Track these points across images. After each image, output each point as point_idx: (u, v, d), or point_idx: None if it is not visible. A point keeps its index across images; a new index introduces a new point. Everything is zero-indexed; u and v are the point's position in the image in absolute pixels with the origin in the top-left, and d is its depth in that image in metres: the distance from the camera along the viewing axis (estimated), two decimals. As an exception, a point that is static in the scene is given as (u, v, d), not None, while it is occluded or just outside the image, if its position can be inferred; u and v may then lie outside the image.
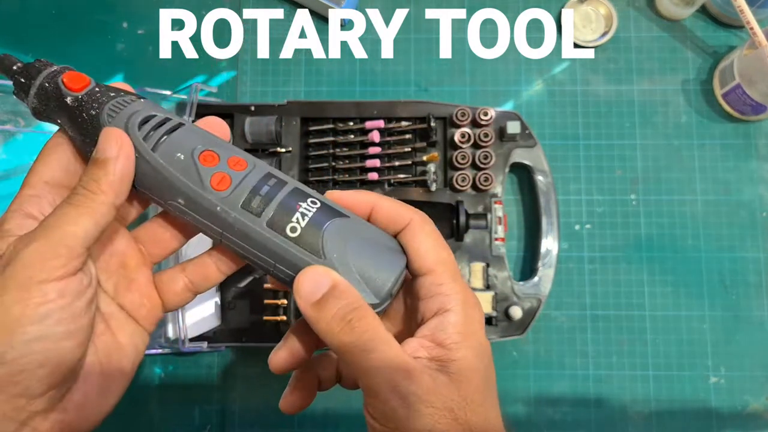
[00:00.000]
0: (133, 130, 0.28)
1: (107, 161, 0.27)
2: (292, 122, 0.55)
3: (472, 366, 0.27)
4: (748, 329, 0.55)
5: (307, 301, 0.27)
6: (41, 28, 0.61)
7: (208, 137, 0.29)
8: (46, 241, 0.26)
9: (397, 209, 0.30)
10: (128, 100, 0.29)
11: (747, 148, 0.58)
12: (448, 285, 0.28)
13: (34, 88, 0.29)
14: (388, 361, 0.26)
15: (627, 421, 0.54)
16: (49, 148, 0.30)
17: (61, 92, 0.28)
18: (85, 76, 0.29)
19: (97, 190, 0.27)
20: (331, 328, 0.26)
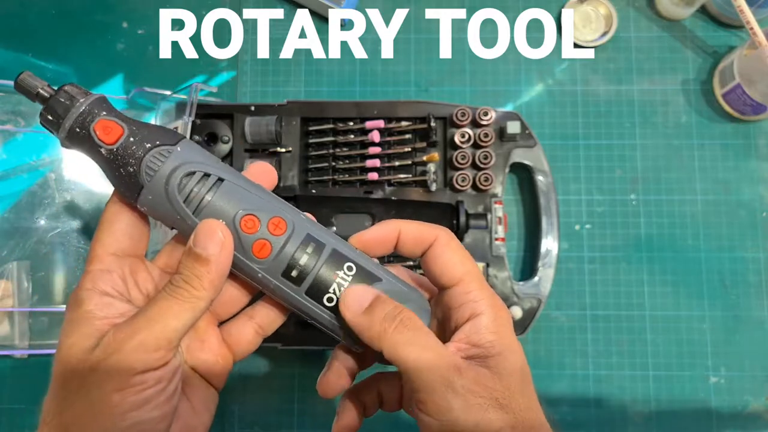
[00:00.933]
0: (173, 193, 0.28)
1: (209, 260, 0.28)
2: (292, 122, 0.55)
3: (509, 361, 0.29)
4: (748, 329, 0.55)
5: (355, 312, 0.29)
6: (41, 28, 0.61)
7: (248, 195, 0.29)
8: (149, 334, 0.27)
9: (421, 230, 0.32)
10: (165, 151, 0.28)
11: (747, 148, 0.58)
12: (476, 292, 0.30)
13: (64, 131, 0.28)
14: (441, 358, 0.28)
15: (627, 421, 0.54)
16: (110, 218, 0.30)
17: (95, 142, 0.28)
18: (118, 126, 0.28)
19: (199, 287, 0.28)
20: (384, 329, 0.28)
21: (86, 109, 0.28)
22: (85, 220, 0.57)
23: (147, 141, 0.28)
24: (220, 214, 0.28)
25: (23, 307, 0.55)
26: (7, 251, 0.56)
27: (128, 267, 0.30)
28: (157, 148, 0.28)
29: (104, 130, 0.27)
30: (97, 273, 0.29)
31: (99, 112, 0.28)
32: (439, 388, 0.27)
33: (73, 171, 0.58)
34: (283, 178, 0.54)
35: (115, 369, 0.26)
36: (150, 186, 0.28)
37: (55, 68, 0.60)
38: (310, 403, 0.55)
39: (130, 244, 0.30)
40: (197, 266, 0.28)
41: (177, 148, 0.28)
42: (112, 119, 0.28)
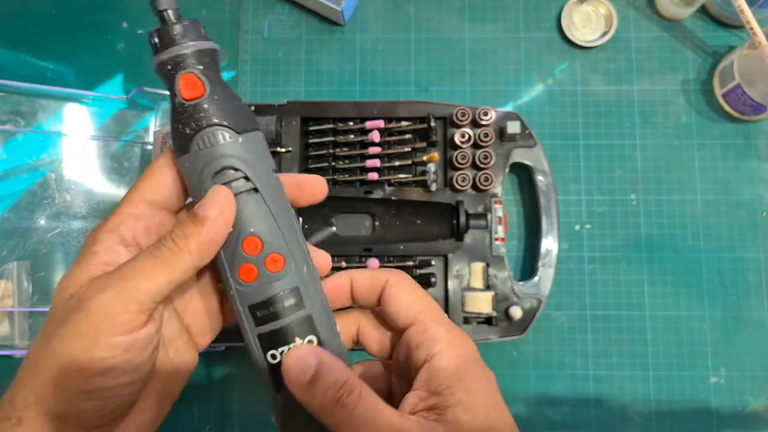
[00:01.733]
0: (206, 176, 0.27)
1: (205, 220, 0.26)
2: (292, 122, 0.55)
3: (470, 408, 0.27)
4: (748, 329, 0.55)
5: (297, 385, 0.27)
6: (41, 27, 0.61)
7: (269, 219, 0.28)
8: (116, 294, 0.25)
9: (371, 276, 0.31)
10: (226, 135, 0.27)
11: (747, 148, 0.58)
12: (429, 330, 0.29)
13: (156, 61, 0.27)
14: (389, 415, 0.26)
15: (627, 422, 0.54)
16: (157, 168, 0.29)
17: (173, 88, 0.27)
18: (201, 86, 0.27)
19: (183, 248, 0.26)
20: (324, 409, 0.26)
21: (187, 53, 0.27)
22: (85, 219, 0.57)
23: (217, 116, 0.27)
24: (234, 223, 0.28)
25: (23, 307, 0.55)
26: (7, 251, 0.56)
27: (158, 219, 0.29)
28: (222, 128, 0.27)
29: (187, 83, 0.27)
30: (125, 216, 0.28)
31: (195, 63, 0.27)
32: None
33: (73, 171, 0.58)
34: (283, 178, 0.54)
35: (83, 327, 0.25)
36: (192, 156, 0.27)
37: (55, 68, 0.60)
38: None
39: (167, 196, 0.29)
40: (189, 226, 0.26)
41: (239, 138, 0.27)
42: (201, 78, 0.27)
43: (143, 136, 0.59)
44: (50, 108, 0.58)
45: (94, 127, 0.59)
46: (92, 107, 0.59)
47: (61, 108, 0.59)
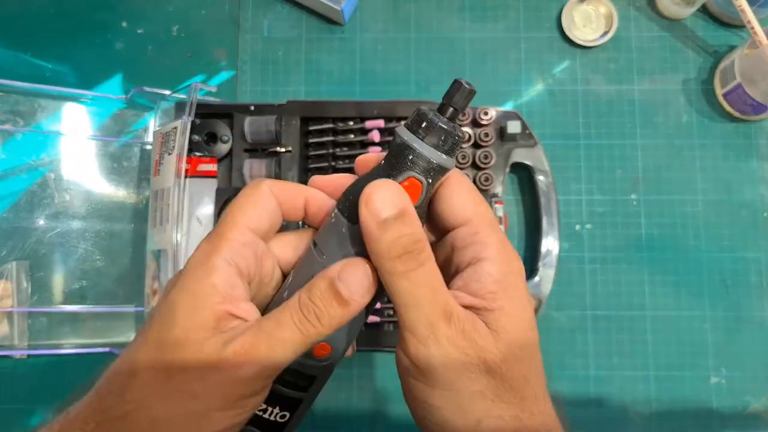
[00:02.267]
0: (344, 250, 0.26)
1: (350, 304, 0.25)
2: (292, 122, 0.55)
3: (512, 317, 0.26)
4: (749, 330, 0.55)
5: (374, 216, 0.24)
6: (40, 27, 0.61)
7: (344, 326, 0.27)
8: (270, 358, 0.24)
9: None
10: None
11: (748, 147, 0.58)
12: (484, 233, 0.27)
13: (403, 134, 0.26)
14: (433, 298, 0.25)
15: (627, 422, 0.54)
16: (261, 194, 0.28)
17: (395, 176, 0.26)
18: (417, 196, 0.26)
19: (327, 327, 0.25)
20: (390, 252, 0.24)
21: (434, 163, 0.26)
22: (84, 220, 0.57)
23: None
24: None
25: (22, 308, 0.54)
26: (6, 251, 0.56)
27: (262, 248, 0.27)
28: None
29: (411, 188, 0.26)
30: (237, 244, 0.26)
31: (428, 174, 0.26)
32: (421, 331, 0.25)
33: (73, 171, 0.58)
34: (282, 178, 0.54)
35: (229, 381, 0.24)
36: (352, 229, 0.26)
37: (54, 67, 0.60)
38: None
39: (268, 228, 0.28)
40: (335, 305, 0.25)
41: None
42: (423, 193, 0.26)
43: (142, 135, 0.59)
44: (49, 108, 0.58)
45: (93, 127, 0.59)
46: (91, 107, 0.59)
47: (60, 108, 0.58)
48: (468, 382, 0.25)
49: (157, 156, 0.53)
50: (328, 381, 0.30)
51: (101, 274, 0.56)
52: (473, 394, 0.25)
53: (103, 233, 0.57)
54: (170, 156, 0.50)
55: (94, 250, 0.57)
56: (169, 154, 0.51)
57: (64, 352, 0.54)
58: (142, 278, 0.54)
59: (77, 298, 0.56)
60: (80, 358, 0.54)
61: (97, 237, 0.57)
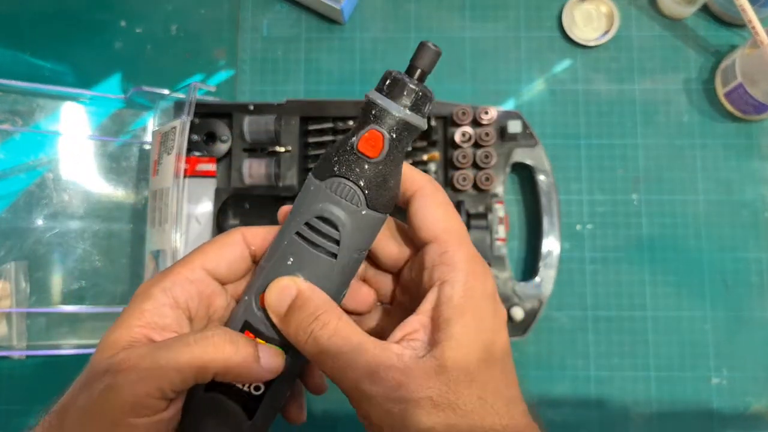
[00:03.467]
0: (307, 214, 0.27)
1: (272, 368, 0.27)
2: (292, 121, 0.54)
3: (463, 346, 0.25)
4: (750, 330, 0.55)
5: (276, 314, 0.27)
6: (39, 26, 0.61)
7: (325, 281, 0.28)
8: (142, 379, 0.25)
9: (407, 174, 0.28)
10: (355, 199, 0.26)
11: (749, 147, 0.58)
12: (450, 253, 0.27)
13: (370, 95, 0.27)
14: (351, 363, 0.25)
15: (628, 423, 0.54)
16: (228, 240, 0.29)
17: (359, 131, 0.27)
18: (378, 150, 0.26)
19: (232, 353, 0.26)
20: (298, 340, 0.26)
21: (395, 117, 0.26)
22: (82, 220, 0.57)
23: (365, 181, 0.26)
24: (296, 258, 0.27)
25: (21, 308, 0.54)
26: (4, 251, 0.55)
27: (212, 288, 0.29)
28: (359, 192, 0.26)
29: (371, 139, 0.26)
30: (181, 278, 0.28)
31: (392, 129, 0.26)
32: (354, 396, 0.25)
33: (71, 171, 0.58)
34: (282, 178, 0.54)
35: (108, 405, 0.25)
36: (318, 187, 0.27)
37: (53, 67, 0.60)
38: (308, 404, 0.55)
39: (228, 272, 0.29)
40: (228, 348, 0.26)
41: (363, 211, 0.27)
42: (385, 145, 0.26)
43: (141, 135, 0.59)
44: (48, 107, 0.58)
45: (92, 127, 0.59)
46: (90, 106, 0.59)
47: (58, 107, 0.58)
48: (415, 425, 0.24)
49: (155, 156, 0.53)
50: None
51: (100, 274, 0.56)
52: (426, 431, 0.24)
53: (102, 233, 0.57)
54: (169, 156, 0.50)
55: (93, 251, 0.57)
56: (168, 154, 0.50)
57: (62, 352, 0.54)
58: (140, 278, 0.54)
59: (76, 298, 0.56)
60: (79, 358, 0.54)
61: (95, 237, 0.57)
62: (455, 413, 0.24)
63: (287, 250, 0.27)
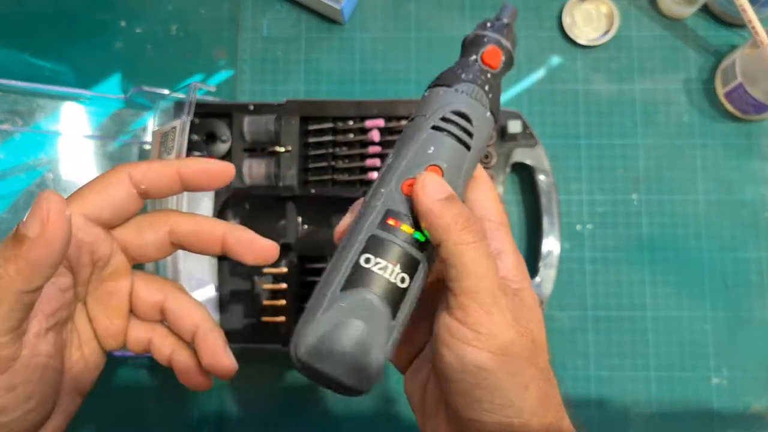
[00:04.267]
0: (444, 109, 0.30)
1: (23, 239, 0.23)
2: (291, 121, 0.54)
3: (533, 298, 0.29)
4: (750, 330, 0.55)
5: (434, 196, 0.27)
6: (39, 26, 0.61)
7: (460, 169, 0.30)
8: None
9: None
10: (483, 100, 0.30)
11: (749, 147, 0.58)
12: (503, 232, 0.30)
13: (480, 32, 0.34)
14: (495, 272, 0.27)
15: (628, 422, 0.54)
16: (111, 184, 0.28)
17: (481, 46, 0.33)
18: (499, 62, 0.32)
19: (3, 275, 0.23)
20: (456, 224, 0.26)
21: (507, 46, 0.33)
22: (82, 220, 0.57)
23: (489, 86, 0.31)
24: (436, 147, 0.29)
25: (20, 308, 0.54)
26: (4, 251, 0.55)
27: (92, 236, 0.28)
28: (486, 95, 0.31)
29: (494, 53, 0.32)
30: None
31: (511, 47, 0.33)
32: (487, 300, 0.26)
33: (71, 171, 0.58)
34: (282, 178, 0.54)
35: None
36: (449, 91, 0.31)
37: (53, 67, 0.60)
38: (309, 405, 0.55)
39: (110, 217, 0.28)
40: (9, 247, 0.23)
41: (487, 113, 0.31)
42: (504, 58, 0.32)
43: (141, 135, 0.59)
44: (48, 107, 0.58)
45: (92, 127, 0.59)
46: (90, 106, 0.59)
47: (58, 107, 0.58)
48: (520, 346, 0.27)
49: (155, 156, 0.53)
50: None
51: (100, 274, 0.56)
52: (528, 369, 0.27)
53: (102, 233, 0.57)
54: (169, 156, 0.50)
55: (93, 251, 0.56)
56: (168, 154, 0.50)
57: (62, 352, 0.54)
58: (141, 278, 0.54)
59: (76, 298, 0.56)
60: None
61: (95, 237, 0.57)
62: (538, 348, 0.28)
63: (427, 141, 0.29)
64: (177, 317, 0.31)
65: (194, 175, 0.29)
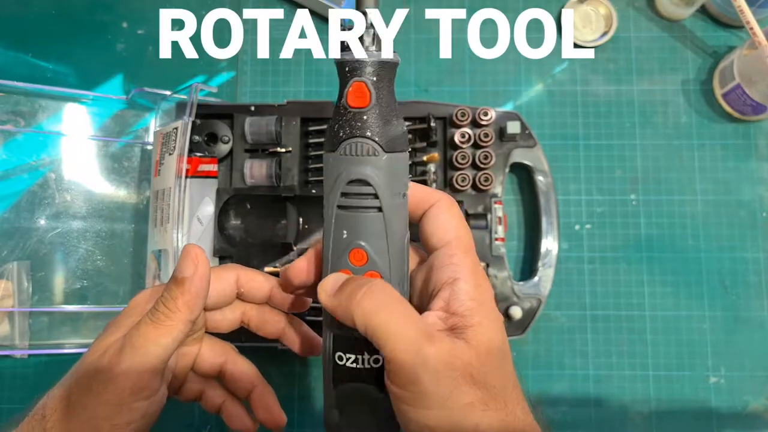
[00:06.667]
0: (339, 184, 0.28)
1: (184, 281, 0.30)
2: (292, 122, 0.55)
3: (488, 333, 0.28)
4: (748, 329, 0.55)
5: (328, 294, 0.29)
6: (41, 27, 0.61)
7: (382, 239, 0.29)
8: (132, 365, 0.29)
9: (426, 191, 0.31)
10: (371, 149, 0.27)
11: (747, 148, 0.58)
12: (459, 256, 0.29)
13: (338, 58, 0.29)
14: (412, 325, 0.27)
15: (627, 422, 0.54)
16: (221, 278, 0.33)
17: (343, 90, 0.28)
18: (368, 97, 0.27)
19: (174, 309, 0.29)
20: (352, 299, 0.27)
21: (367, 62, 0.28)
22: (85, 220, 0.57)
23: (371, 130, 0.27)
24: (349, 228, 0.28)
25: (23, 307, 0.55)
26: (7, 251, 0.56)
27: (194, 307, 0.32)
28: (371, 142, 0.28)
29: (356, 91, 0.28)
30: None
31: (371, 74, 0.28)
32: (408, 359, 0.26)
33: (73, 171, 0.58)
34: (283, 178, 0.54)
35: (107, 396, 0.29)
36: (336, 158, 0.28)
37: (55, 68, 0.60)
38: (310, 403, 0.55)
39: (211, 303, 0.33)
40: (173, 288, 0.30)
41: (383, 157, 0.28)
42: (371, 89, 0.27)
43: (143, 136, 0.59)
44: (50, 108, 0.58)
45: (94, 128, 0.59)
46: (92, 107, 0.59)
47: (61, 108, 0.59)
48: (459, 397, 0.26)
49: (157, 156, 0.53)
50: None
51: (102, 274, 0.57)
52: (465, 407, 0.26)
53: (104, 233, 0.57)
54: (171, 156, 0.51)
55: (95, 250, 0.57)
56: (170, 155, 0.51)
57: (65, 351, 0.55)
58: (142, 278, 0.54)
59: (78, 298, 0.56)
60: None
61: (97, 237, 0.57)
62: (488, 393, 0.26)
63: (338, 225, 0.28)
64: (235, 378, 0.36)
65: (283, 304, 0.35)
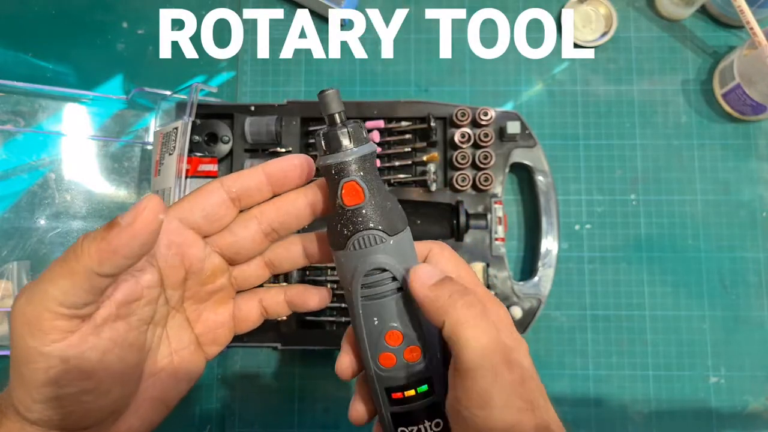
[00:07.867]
0: (357, 278, 0.29)
1: (113, 226, 0.24)
2: (292, 122, 0.55)
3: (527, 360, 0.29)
4: (748, 329, 0.55)
5: (425, 284, 0.28)
6: (41, 27, 0.61)
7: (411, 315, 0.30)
8: (28, 302, 0.25)
9: (418, 247, 0.32)
10: (378, 238, 0.29)
11: (747, 148, 0.58)
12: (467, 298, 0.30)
13: (322, 163, 0.29)
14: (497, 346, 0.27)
15: (627, 421, 0.54)
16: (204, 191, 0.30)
17: (337, 192, 0.29)
18: (361, 193, 0.28)
19: (85, 251, 0.24)
20: (451, 303, 0.27)
21: (351, 161, 0.28)
22: (85, 220, 0.57)
23: (373, 221, 0.29)
24: (379, 316, 0.29)
25: (23, 307, 0.55)
26: (7, 251, 0.56)
27: (182, 237, 0.29)
28: (376, 231, 0.29)
29: (350, 191, 0.28)
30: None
31: (357, 170, 0.29)
32: (486, 378, 0.26)
33: (73, 171, 0.58)
34: (283, 178, 0.54)
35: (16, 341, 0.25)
36: (347, 254, 0.29)
37: (55, 68, 0.60)
38: (310, 403, 0.55)
39: (203, 221, 0.29)
40: (103, 229, 0.24)
41: (390, 240, 0.29)
42: (362, 185, 0.28)
43: (143, 136, 0.59)
44: (50, 108, 0.58)
45: (94, 127, 0.59)
46: (92, 107, 0.59)
47: (61, 108, 0.59)
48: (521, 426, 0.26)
49: (157, 156, 0.53)
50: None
51: (102, 274, 0.57)
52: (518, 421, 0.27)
53: (104, 233, 0.57)
54: (171, 156, 0.51)
55: (95, 250, 0.57)
56: (170, 155, 0.51)
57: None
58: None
59: (78, 297, 0.56)
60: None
61: (97, 237, 0.57)
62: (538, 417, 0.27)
63: (367, 314, 0.30)
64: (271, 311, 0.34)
65: (278, 172, 0.30)
